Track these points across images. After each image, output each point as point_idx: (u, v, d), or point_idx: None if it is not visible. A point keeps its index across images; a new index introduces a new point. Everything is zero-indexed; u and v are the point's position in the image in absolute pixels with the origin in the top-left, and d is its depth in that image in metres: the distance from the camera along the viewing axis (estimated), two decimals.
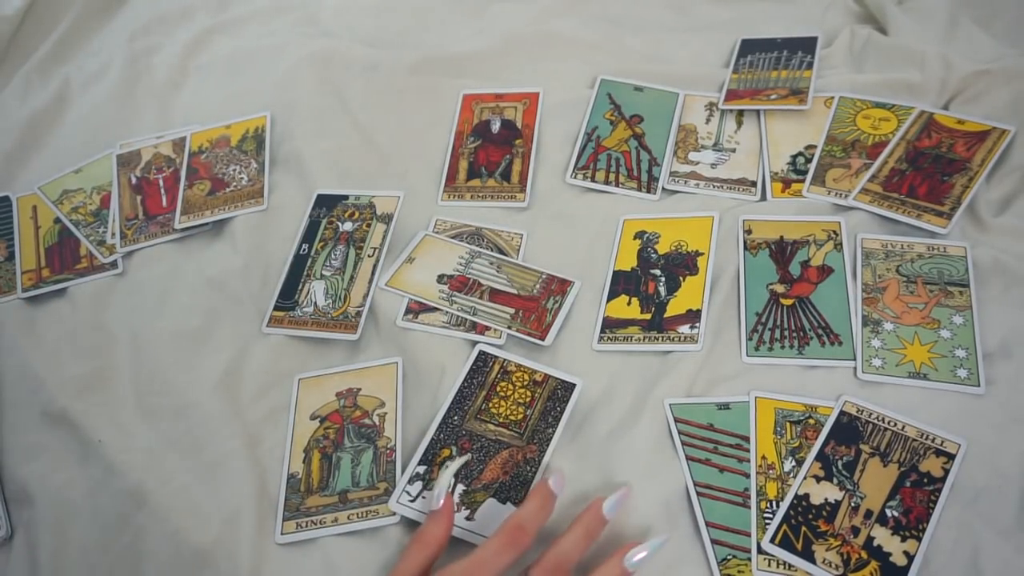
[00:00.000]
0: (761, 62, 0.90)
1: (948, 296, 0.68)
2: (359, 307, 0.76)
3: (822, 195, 0.78)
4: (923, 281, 0.69)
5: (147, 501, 0.66)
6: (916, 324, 0.67)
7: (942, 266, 0.70)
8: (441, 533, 0.57)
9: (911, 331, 0.67)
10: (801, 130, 0.84)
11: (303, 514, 0.64)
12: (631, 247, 0.77)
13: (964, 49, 0.86)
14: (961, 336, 0.66)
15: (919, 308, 0.68)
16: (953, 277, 0.69)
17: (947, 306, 0.68)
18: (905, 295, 0.69)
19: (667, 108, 0.88)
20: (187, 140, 0.93)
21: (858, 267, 0.71)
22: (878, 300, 0.69)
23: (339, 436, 0.68)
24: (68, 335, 0.79)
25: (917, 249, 0.71)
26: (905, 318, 0.68)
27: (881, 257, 0.72)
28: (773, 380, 0.66)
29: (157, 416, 0.72)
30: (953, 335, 0.66)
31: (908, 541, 0.57)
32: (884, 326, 0.68)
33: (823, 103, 0.85)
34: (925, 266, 0.70)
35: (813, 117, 0.84)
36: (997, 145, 0.77)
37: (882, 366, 0.66)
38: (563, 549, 0.56)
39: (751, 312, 0.71)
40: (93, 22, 1.12)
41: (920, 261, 0.71)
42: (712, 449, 0.64)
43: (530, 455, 0.65)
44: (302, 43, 1.01)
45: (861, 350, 0.67)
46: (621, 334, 0.71)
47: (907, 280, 0.70)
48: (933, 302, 0.68)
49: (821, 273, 0.72)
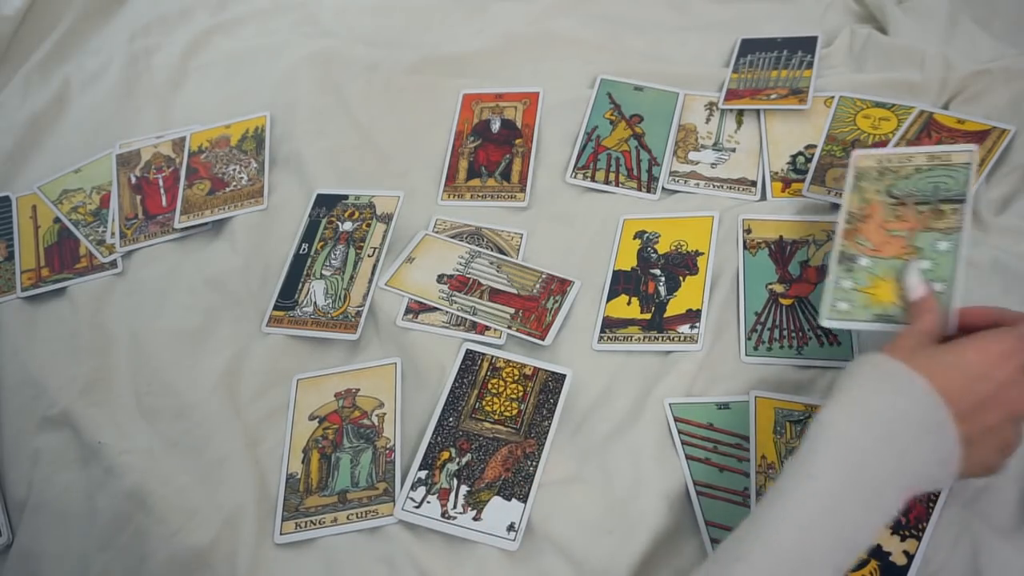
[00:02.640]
0: (761, 62, 0.90)
1: (938, 216, 0.60)
2: (359, 307, 0.76)
3: (822, 195, 0.78)
4: (914, 201, 0.61)
5: (147, 502, 0.66)
6: (894, 256, 0.60)
7: (940, 179, 0.62)
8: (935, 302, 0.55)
9: (888, 265, 0.60)
10: (801, 130, 0.84)
11: (302, 514, 0.64)
12: (631, 247, 0.77)
13: (964, 49, 0.86)
14: (941, 266, 0.58)
15: (902, 236, 0.60)
16: (950, 191, 0.61)
17: (934, 229, 0.60)
18: (890, 221, 0.61)
19: (667, 108, 0.88)
20: (187, 140, 0.93)
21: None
22: (857, 231, 0.62)
23: (338, 436, 0.68)
24: (68, 335, 0.79)
25: (917, 161, 0.63)
26: (884, 249, 0.60)
27: (873, 177, 0.64)
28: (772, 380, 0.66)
29: (157, 417, 0.72)
30: (933, 266, 0.58)
31: (908, 540, 0.57)
32: (859, 262, 0.61)
33: (823, 103, 0.85)
34: (921, 181, 0.62)
35: (813, 117, 0.84)
36: (997, 145, 0.77)
37: (848, 309, 0.59)
38: None
39: (750, 312, 0.71)
40: (93, 22, 1.12)
41: (917, 176, 0.62)
42: (712, 448, 0.64)
43: (529, 450, 0.65)
44: (302, 43, 1.01)
45: (830, 291, 0.60)
46: (621, 334, 0.71)
47: (896, 203, 0.62)
48: (918, 225, 0.60)
49: (820, 273, 0.72)
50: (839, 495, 0.46)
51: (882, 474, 0.47)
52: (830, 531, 0.46)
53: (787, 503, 0.46)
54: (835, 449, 0.47)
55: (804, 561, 0.44)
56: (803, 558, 0.44)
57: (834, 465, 0.47)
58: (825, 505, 0.46)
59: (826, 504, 0.46)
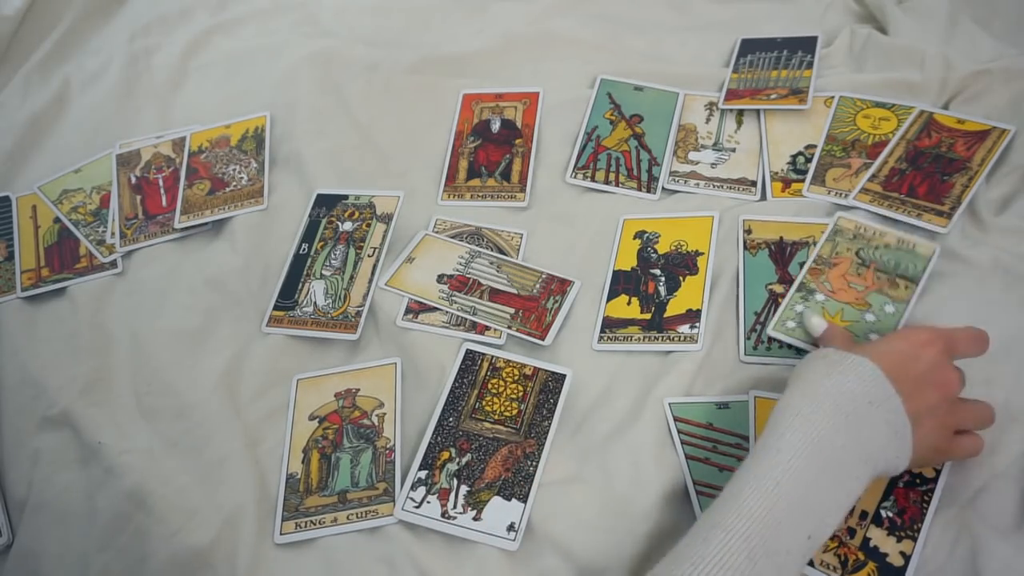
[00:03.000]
0: (761, 62, 0.90)
1: (892, 286, 0.69)
2: (359, 307, 0.76)
3: (822, 195, 0.78)
4: (876, 267, 0.70)
5: (147, 502, 0.66)
6: (847, 302, 0.69)
7: (902, 258, 0.70)
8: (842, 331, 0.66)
9: (839, 306, 0.68)
10: (801, 130, 0.84)
11: (302, 514, 0.64)
12: (631, 247, 0.77)
13: (964, 49, 0.86)
14: (883, 323, 0.67)
15: (858, 289, 0.69)
16: (907, 271, 0.69)
17: (886, 295, 0.68)
18: (852, 275, 0.70)
19: (667, 108, 0.88)
20: (187, 140, 0.93)
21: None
22: (823, 272, 0.70)
23: (338, 436, 0.68)
24: (68, 335, 0.79)
25: (887, 239, 0.72)
26: (840, 294, 0.69)
27: (848, 237, 0.72)
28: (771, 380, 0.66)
29: (157, 417, 0.72)
30: (877, 320, 0.67)
31: (904, 541, 0.57)
32: (815, 296, 0.69)
33: (823, 103, 0.85)
34: (886, 255, 0.71)
35: (813, 117, 0.84)
36: (997, 144, 0.77)
37: (793, 328, 0.68)
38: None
39: (750, 312, 0.71)
40: (93, 22, 1.12)
41: (883, 250, 0.71)
42: (711, 448, 0.64)
43: (529, 450, 0.65)
44: (302, 43, 1.01)
45: (781, 310, 0.69)
46: (621, 334, 0.71)
47: (861, 263, 0.70)
48: (874, 287, 0.69)
49: None
50: (802, 467, 0.51)
51: (841, 446, 0.52)
52: (796, 498, 0.50)
53: (756, 474, 0.51)
54: (795, 427, 0.52)
55: (774, 525, 0.49)
56: (773, 522, 0.49)
57: (795, 439, 0.51)
58: (789, 474, 0.50)
59: (790, 474, 0.50)
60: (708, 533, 0.49)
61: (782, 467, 0.50)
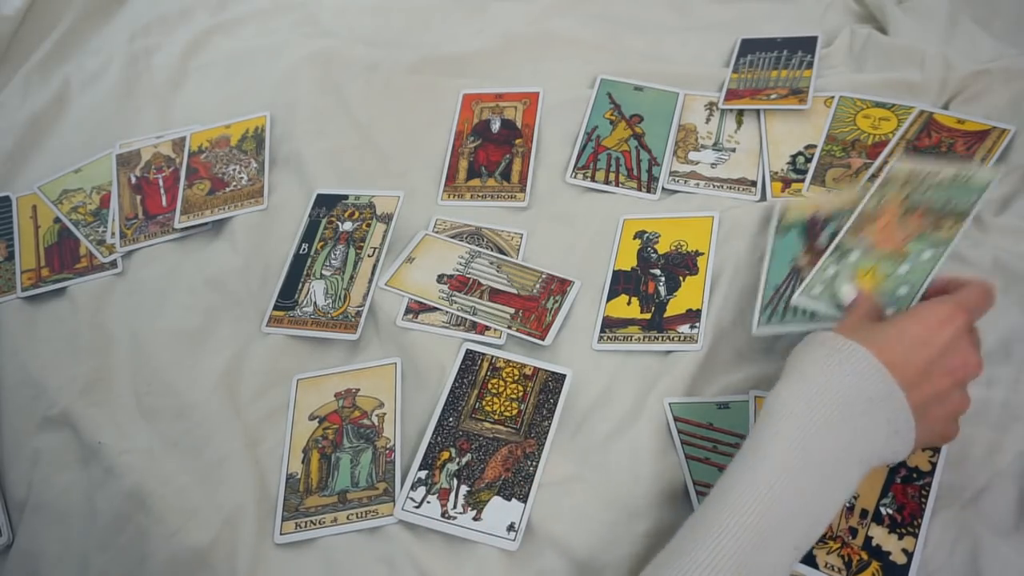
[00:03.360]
0: (761, 62, 0.90)
1: (936, 227, 0.60)
2: (359, 307, 0.76)
3: (822, 195, 0.78)
4: (923, 210, 0.61)
5: (147, 502, 0.66)
6: (886, 254, 0.61)
7: (955, 193, 0.61)
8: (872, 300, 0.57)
9: (874, 261, 0.61)
10: (801, 130, 0.84)
11: (302, 514, 0.64)
12: (631, 247, 0.77)
13: (964, 49, 0.86)
14: (916, 273, 0.58)
15: (900, 236, 0.61)
16: (957, 206, 0.60)
17: (928, 238, 0.60)
18: (896, 225, 0.62)
19: (667, 108, 0.88)
20: (187, 140, 0.93)
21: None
22: (863, 229, 0.63)
23: (338, 436, 0.68)
24: (68, 335, 0.79)
25: (942, 175, 0.62)
26: (880, 246, 0.61)
27: (900, 182, 0.64)
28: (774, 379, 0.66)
29: (157, 417, 0.72)
30: (910, 270, 0.59)
31: (905, 538, 0.57)
32: (850, 256, 0.62)
33: (823, 103, 0.85)
34: (937, 194, 0.62)
35: (813, 117, 0.84)
36: (997, 144, 0.77)
37: (820, 293, 0.61)
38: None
39: (771, 286, 0.69)
40: (93, 22, 1.12)
41: (935, 189, 0.62)
42: (711, 448, 0.64)
43: (529, 450, 0.65)
44: (302, 43, 1.01)
45: (812, 275, 0.63)
46: (621, 334, 0.71)
47: (908, 210, 0.62)
48: (917, 232, 0.60)
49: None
50: (794, 471, 0.48)
51: (836, 447, 0.49)
52: (789, 503, 0.48)
53: (745, 477, 0.48)
54: (787, 428, 0.49)
55: (769, 527, 0.47)
56: (767, 525, 0.47)
57: (787, 444, 0.49)
58: (781, 479, 0.48)
59: (782, 478, 0.48)
60: (706, 533, 0.47)
61: (775, 473, 0.48)
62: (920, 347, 0.51)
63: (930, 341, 0.51)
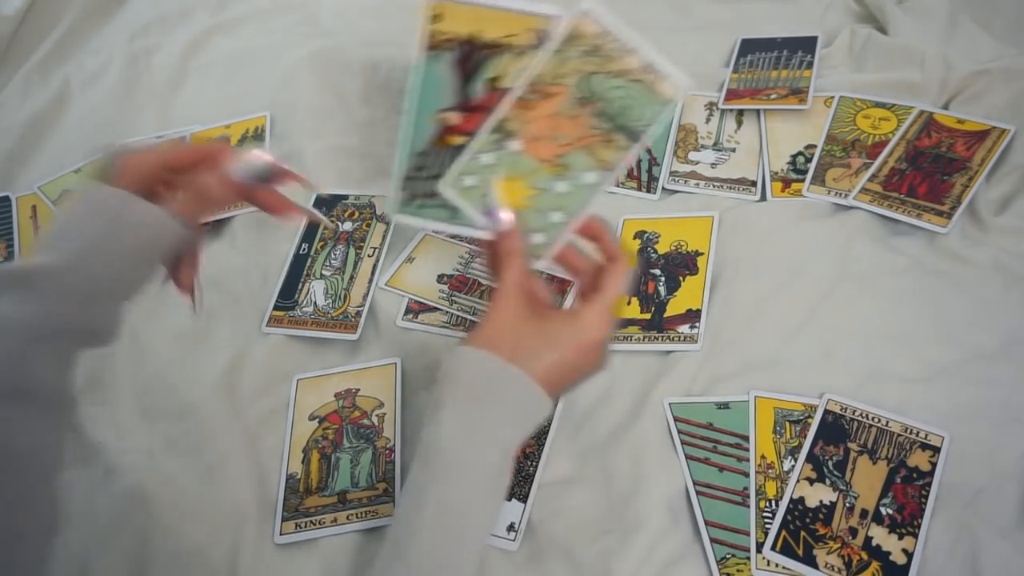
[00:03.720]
0: (761, 62, 0.90)
1: (605, 144, 0.52)
2: (359, 307, 0.76)
3: (822, 195, 0.78)
4: (596, 111, 0.52)
5: (147, 502, 0.65)
6: (543, 160, 0.53)
7: (636, 100, 0.52)
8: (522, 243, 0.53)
9: (529, 166, 0.53)
10: (801, 130, 0.84)
11: (302, 514, 0.64)
12: (631, 247, 0.77)
13: (964, 49, 0.86)
14: (573, 198, 0.53)
15: (560, 142, 0.52)
16: (634, 122, 0.52)
17: (594, 156, 0.52)
18: (563, 117, 0.52)
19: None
20: (187, 140, 0.93)
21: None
22: (532, 107, 0.52)
23: (338, 437, 0.68)
24: None
25: (630, 63, 0.51)
26: (539, 147, 0.53)
27: (582, 50, 0.52)
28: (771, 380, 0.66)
29: (157, 417, 0.72)
30: (568, 193, 0.53)
31: (905, 539, 0.57)
32: (510, 145, 0.53)
33: (823, 103, 0.85)
34: (618, 90, 0.52)
35: (813, 117, 0.84)
36: (997, 144, 0.77)
37: (470, 187, 0.53)
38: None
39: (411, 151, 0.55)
40: (93, 22, 1.12)
41: (618, 82, 0.51)
42: (712, 448, 0.64)
43: (529, 450, 0.65)
44: (302, 43, 1.01)
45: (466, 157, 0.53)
46: (621, 334, 0.71)
47: (581, 99, 0.52)
48: (583, 142, 0.52)
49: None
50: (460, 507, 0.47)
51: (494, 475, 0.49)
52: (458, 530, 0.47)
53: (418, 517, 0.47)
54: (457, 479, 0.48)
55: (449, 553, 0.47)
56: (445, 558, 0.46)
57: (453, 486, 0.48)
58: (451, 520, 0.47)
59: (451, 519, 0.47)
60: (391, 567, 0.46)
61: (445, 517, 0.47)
62: (573, 372, 0.52)
63: (583, 367, 0.52)
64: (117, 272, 0.50)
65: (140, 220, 0.51)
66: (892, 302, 0.69)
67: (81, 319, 0.49)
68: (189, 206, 0.53)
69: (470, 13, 0.53)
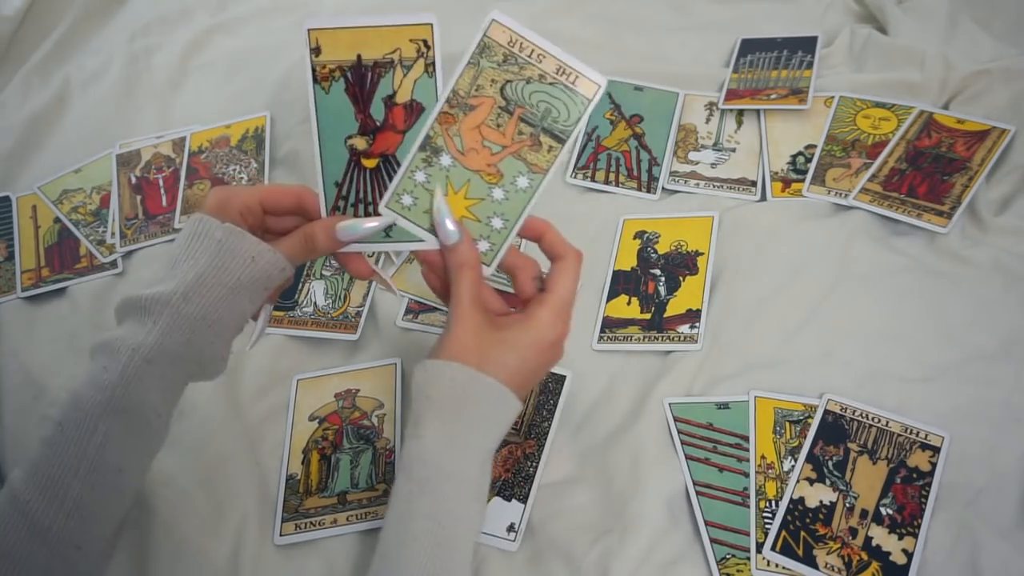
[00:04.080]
0: (761, 62, 0.90)
1: (535, 147, 0.53)
2: (359, 307, 0.76)
3: (822, 195, 0.78)
4: (521, 115, 0.53)
5: (148, 503, 0.65)
6: (477, 170, 0.54)
7: (557, 101, 0.53)
8: (476, 254, 0.54)
9: (466, 177, 0.54)
10: (801, 130, 0.84)
11: (302, 515, 0.64)
12: (631, 247, 0.77)
13: (964, 49, 0.86)
14: (511, 203, 0.54)
15: (492, 150, 0.53)
16: (558, 123, 0.53)
17: (524, 160, 0.54)
18: (491, 128, 0.53)
19: (667, 108, 0.88)
20: (187, 140, 0.93)
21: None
22: (456, 120, 0.53)
23: (338, 437, 0.68)
24: (68, 335, 0.79)
25: (545, 66, 0.53)
26: (470, 159, 0.53)
27: (497, 60, 0.53)
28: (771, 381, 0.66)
29: None
30: (505, 199, 0.54)
31: (905, 539, 0.57)
32: (441, 159, 0.54)
33: (823, 103, 0.85)
34: (538, 93, 0.53)
35: (813, 117, 0.84)
36: (997, 144, 0.77)
37: (410, 206, 0.54)
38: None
39: (329, 182, 0.55)
40: (93, 22, 1.12)
41: (537, 84, 0.53)
42: (712, 448, 0.64)
43: (529, 450, 0.65)
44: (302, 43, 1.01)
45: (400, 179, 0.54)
46: (621, 334, 0.71)
47: (505, 107, 0.53)
48: (512, 149, 0.53)
49: (411, 115, 0.54)
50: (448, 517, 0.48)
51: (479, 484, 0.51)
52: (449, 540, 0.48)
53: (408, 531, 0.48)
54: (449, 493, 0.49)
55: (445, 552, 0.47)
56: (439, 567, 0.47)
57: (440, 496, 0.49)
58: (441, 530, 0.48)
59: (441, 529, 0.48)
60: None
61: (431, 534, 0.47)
62: (539, 369, 0.54)
63: (546, 362, 0.54)
64: (227, 304, 0.51)
65: (251, 255, 0.52)
66: (892, 302, 0.69)
67: (192, 347, 0.50)
68: (295, 249, 0.54)
69: (348, 37, 0.53)
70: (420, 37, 0.53)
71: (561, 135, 0.53)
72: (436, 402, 0.50)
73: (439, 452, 0.50)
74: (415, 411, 0.51)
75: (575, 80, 0.53)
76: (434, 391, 0.51)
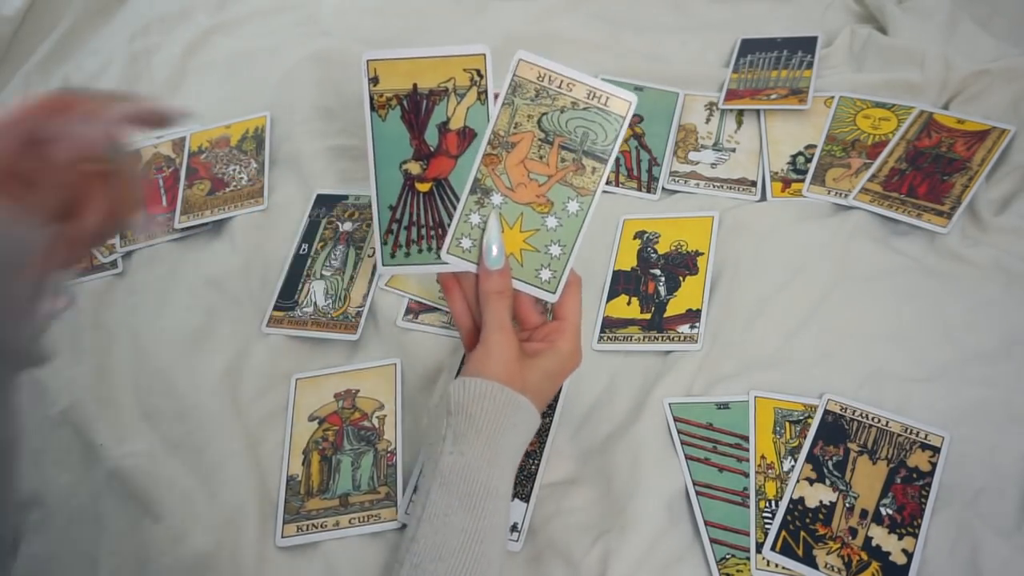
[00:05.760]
0: (761, 62, 0.90)
1: (578, 171, 0.56)
2: (359, 307, 0.76)
3: (822, 195, 0.78)
4: (561, 144, 0.56)
5: (149, 504, 0.66)
6: (527, 203, 0.56)
7: (592, 125, 0.55)
8: (510, 283, 0.57)
9: (518, 212, 0.56)
10: (801, 130, 0.84)
11: (303, 517, 0.64)
12: (631, 247, 0.77)
13: (964, 49, 0.86)
14: (565, 229, 0.56)
15: (540, 181, 0.56)
16: (597, 145, 0.56)
17: (571, 185, 0.56)
18: (534, 160, 0.56)
19: (667, 108, 0.88)
20: (187, 140, 0.93)
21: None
22: (501, 160, 0.56)
23: (338, 438, 0.68)
24: (68, 335, 0.79)
25: (576, 93, 0.55)
26: (520, 192, 0.56)
27: (529, 96, 0.56)
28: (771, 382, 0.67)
29: (157, 418, 0.72)
30: (558, 226, 0.56)
31: (905, 539, 0.57)
32: (492, 198, 0.56)
33: (823, 103, 0.85)
34: (573, 121, 0.55)
35: (813, 117, 0.84)
36: (997, 144, 0.77)
37: (471, 248, 0.57)
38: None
39: (383, 206, 0.58)
40: (93, 22, 1.12)
41: (571, 112, 0.55)
42: (711, 448, 0.64)
43: (530, 448, 0.65)
44: (302, 43, 1.01)
45: (456, 224, 0.57)
46: (621, 334, 0.71)
47: (544, 139, 0.56)
48: (557, 177, 0.56)
49: (464, 141, 0.57)
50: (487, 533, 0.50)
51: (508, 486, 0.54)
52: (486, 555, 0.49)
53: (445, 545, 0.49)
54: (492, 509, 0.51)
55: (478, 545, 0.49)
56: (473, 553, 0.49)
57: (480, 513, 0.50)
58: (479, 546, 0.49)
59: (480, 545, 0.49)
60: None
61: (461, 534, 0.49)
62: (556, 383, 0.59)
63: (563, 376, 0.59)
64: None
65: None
66: (892, 302, 0.69)
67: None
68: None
69: (405, 67, 0.56)
70: (473, 67, 0.56)
71: (602, 155, 0.56)
72: (478, 420, 0.52)
73: (482, 470, 0.51)
74: (455, 427, 0.52)
75: (607, 101, 0.55)
76: (477, 409, 0.52)
